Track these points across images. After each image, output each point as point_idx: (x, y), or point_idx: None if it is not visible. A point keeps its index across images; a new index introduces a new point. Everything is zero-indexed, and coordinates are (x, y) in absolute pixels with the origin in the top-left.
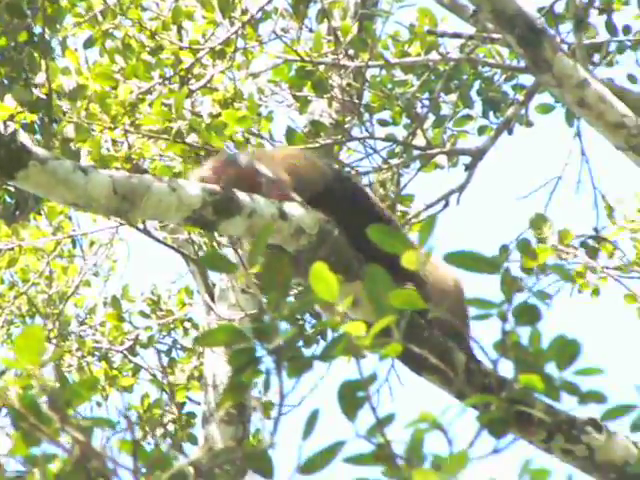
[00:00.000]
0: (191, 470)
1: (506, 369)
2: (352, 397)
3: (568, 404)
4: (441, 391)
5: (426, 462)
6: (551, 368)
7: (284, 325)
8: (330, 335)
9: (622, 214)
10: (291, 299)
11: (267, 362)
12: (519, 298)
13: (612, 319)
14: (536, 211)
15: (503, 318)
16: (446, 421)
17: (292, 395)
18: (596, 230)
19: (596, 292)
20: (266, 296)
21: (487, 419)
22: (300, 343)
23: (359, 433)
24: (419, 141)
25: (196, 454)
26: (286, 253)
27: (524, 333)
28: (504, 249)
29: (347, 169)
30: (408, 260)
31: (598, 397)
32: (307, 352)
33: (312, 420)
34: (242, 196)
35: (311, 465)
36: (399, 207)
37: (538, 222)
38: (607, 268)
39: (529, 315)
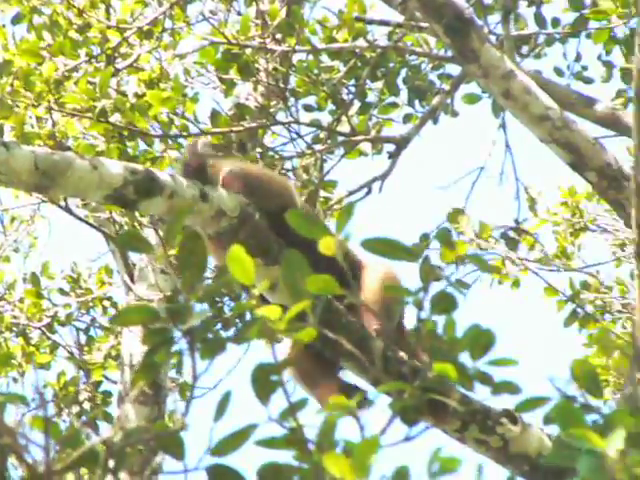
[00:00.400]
0: (102, 449)
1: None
2: (266, 381)
3: (483, 394)
4: (358, 378)
5: (337, 447)
6: (465, 358)
7: (199, 306)
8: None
9: (544, 207)
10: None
11: (181, 343)
12: (437, 287)
13: (532, 311)
14: (454, 206)
15: (419, 306)
16: (358, 407)
17: (208, 377)
18: (517, 222)
19: (516, 284)
20: (181, 277)
21: (400, 406)
22: (218, 326)
23: (272, 417)
24: (344, 127)
25: (108, 433)
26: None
27: (440, 322)
28: (424, 238)
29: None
30: (325, 246)
31: (511, 388)
32: (226, 335)
33: (224, 402)
34: (163, 176)
35: (222, 447)
36: (322, 193)
37: (456, 216)
38: (527, 260)
39: (445, 304)
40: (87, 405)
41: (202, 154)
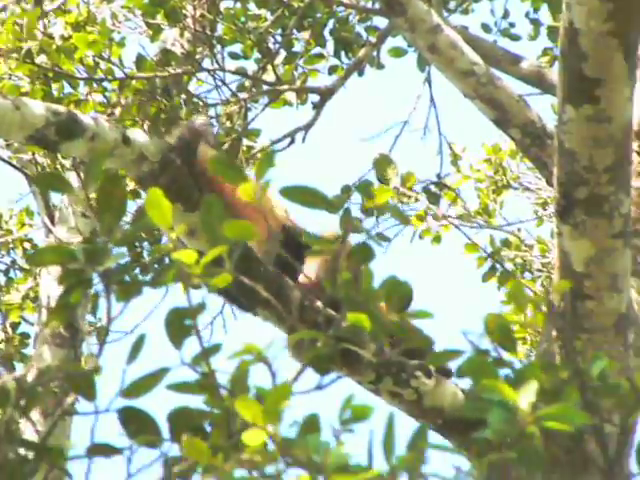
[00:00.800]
0: (14, 387)
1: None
2: (180, 325)
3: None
4: (274, 328)
5: (249, 394)
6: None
7: (117, 249)
8: None
9: (467, 163)
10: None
11: (97, 285)
12: (357, 239)
13: (453, 267)
14: (381, 152)
15: (336, 255)
16: (271, 354)
17: (126, 321)
18: (439, 177)
19: (437, 239)
20: (100, 219)
21: (312, 355)
22: (137, 270)
23: (184, 361)
24: (269, 76)
25: (21, 372)
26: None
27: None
28: (346, 189)
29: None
30: (244, 192)
31: (425, 340)
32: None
33: (138, 345)
34: (86, 119)
35: (134, 389)
36: (245, 141)
37: (382, 163)
38: (449, 216)
39: (363, 254)
40: (4, 346)
41: (199, 132)
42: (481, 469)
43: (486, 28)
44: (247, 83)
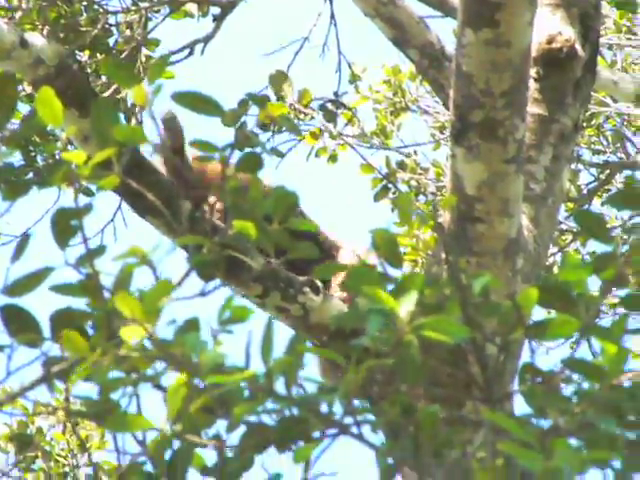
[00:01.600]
0: None
1: None
2: (65, 225)
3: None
4: (165, 237)
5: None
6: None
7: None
8: None
9: (367, 84)
10: None
11: None
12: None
13: (348, 187)
14: (277, 69)
15: (224, 162)
16: (156, 258)
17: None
18: (337, 95)
19: (333, 158)
20: None
21: (197, 261)
22: (30, 174)
23: (68, 262)
24: None
25: None
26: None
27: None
28: (243, 102)
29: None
30: (137, 96)
31: (310, 250)
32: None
33: (22, 245)
34: None
35: (17, 288)
36: (144, 50)
37: (278, 79)
38: (346, 135)
39: (251, 163)
40: None
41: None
42: (358, 375)
43: None
44: None
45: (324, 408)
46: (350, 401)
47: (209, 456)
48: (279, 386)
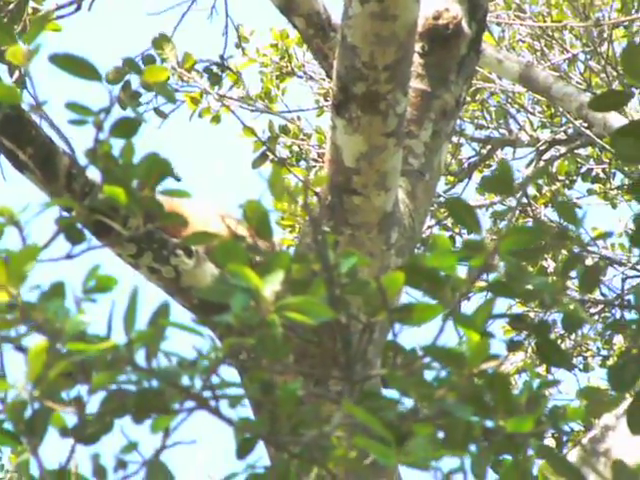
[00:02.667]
0: None
1: None
2: None
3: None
4: (41, 192)
5: None
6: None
7: None
8: None
9: (254, 47)
10: None
11: None
12: (126, 114)
13: (231, 149)
14: (161, 32)
15: (99, 126)
16: (24, 219)
17: None
18: (222, 58)
19: (216, 119)
20: None
21: (65, 223)
22: None
23: None
24: None
25: None
26: None
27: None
28: (128, 62)
29: None
30: (12, 55)
31: (177, 218)
32: None
33: None
34: None
35: None
36: (31, 4)
37: (161, 42)
38: (230, 98)
39: (126, 128)
40: None
41: None
42: (222, 350)
43: None
44: None
45: (185, 381)
46: (209, 376)
47: (69, 418)
48: (140, 358)
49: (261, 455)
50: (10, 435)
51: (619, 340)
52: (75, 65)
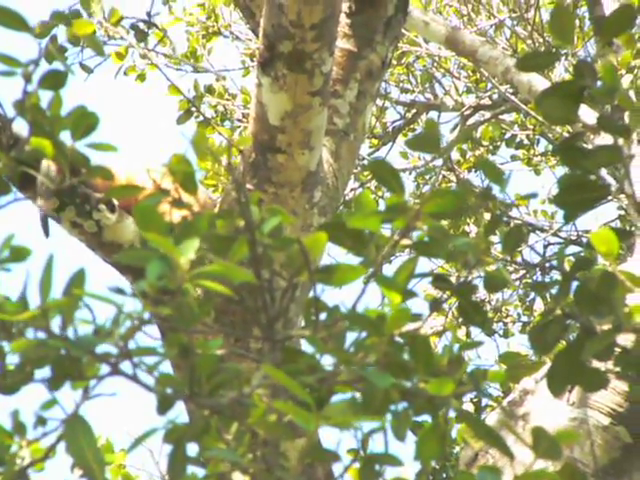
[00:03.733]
0: None
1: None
2: None
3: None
4: None
5: None
6: (66, 137)
7: None
8: None
9: (181, 6)
10: None
11: None
12: (54, 66)
13: (156, 107)
14: None
15: (27, 78)
16: None
17: None
18: (149, 15)
19: (142, 77)
20: None
21: None
22: None
23: None
24: None
25: None
26: None
27: (46, 98)
28: (56, 15)
29: None
30: None
31: (104, 172)
32: None
33: None
34: None
35: None
36: None
37: None
38: (156, 53)
39: (54, 80)
40: None
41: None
42: (141, 315)
43: None
44: None
45: (101, 349)
46: (126, 343)
47: None
48: (56, 326)
49: (181, 411)
50: None
51: (539, 307)
52: (5, 16)
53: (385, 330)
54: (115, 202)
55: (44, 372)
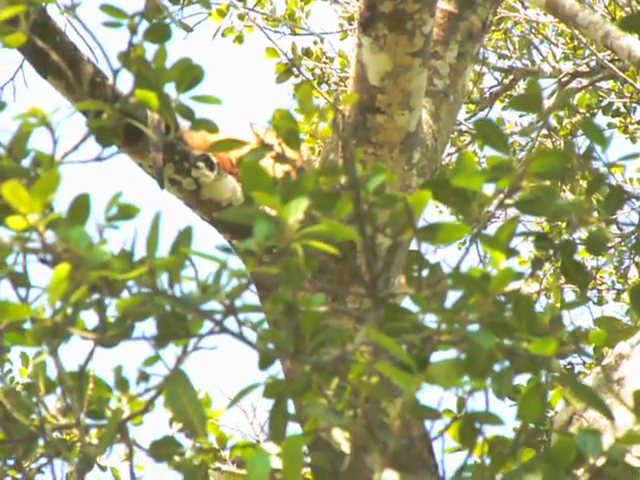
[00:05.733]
0: None
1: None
2: None
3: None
4: (65, 100)
5: (28, 157)
6: (170, 89)
7: None
8: None
9: None
10: None
11: None
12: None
13: (253, 69)
14: None
15: (133, 30)
16: (55, 120)
17: None
18: None
19: (240, 39)
20: None
21: (96, 125)
22: None
23: None
24: None
25: None
26: None
27: (151, 50)
28: None
29: None
30: None
31: (209, 125)
32: None
33: None
34: None
35: None
36: None
37: None
38: (256, 13)
39: (159, 33)
40: None
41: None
42: (245, 273)
43: None
44: None
45: (208, 306)
46: (232, 301)
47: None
48: (163, 283)
49: (278, 370)
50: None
51: (634, 274)
52: None
53: (489, 290)
54: (214, 159)
55: (146, 327)
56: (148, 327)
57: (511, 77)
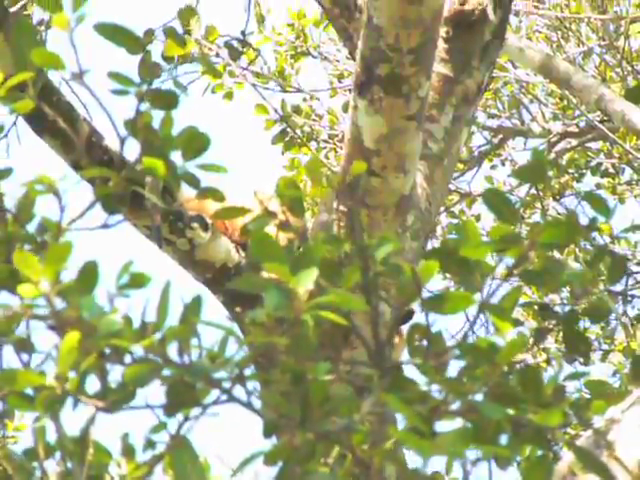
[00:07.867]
0: None
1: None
2: None
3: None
4: (59, 159)
5: (33, 220)
6: (177, 157)
7: None
8: None
9: (271, 25)
10: None
11: None
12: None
13: (241, 127)
14: (186, 4)
15: (141, 98)
16: (62, 187)
17: None
18: (243, 34)
19: (229, 96)
20: None
21: (103, 193)
22: None
23: None
24: None
25: None
26: None
27: (158, 117)
28: (149, 32)
29: None
30: (58, 22)
31: (216, 194)
32: None
33: None
34: None
35: None
36: None
37: (186, 14)
38: (246, 71)
39: (166, 100)
40: None
41: None
42: (252, 352)
43: None
44: None
45: (216, 375)
46: (241, 371)
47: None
48: (172, 353)
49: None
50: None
51: (620, 335)
52: (119, 35)
53: (497, 360)
54: (208, 221)
55: (148, 394)
56: (150, 394)
57: (500, 136)
